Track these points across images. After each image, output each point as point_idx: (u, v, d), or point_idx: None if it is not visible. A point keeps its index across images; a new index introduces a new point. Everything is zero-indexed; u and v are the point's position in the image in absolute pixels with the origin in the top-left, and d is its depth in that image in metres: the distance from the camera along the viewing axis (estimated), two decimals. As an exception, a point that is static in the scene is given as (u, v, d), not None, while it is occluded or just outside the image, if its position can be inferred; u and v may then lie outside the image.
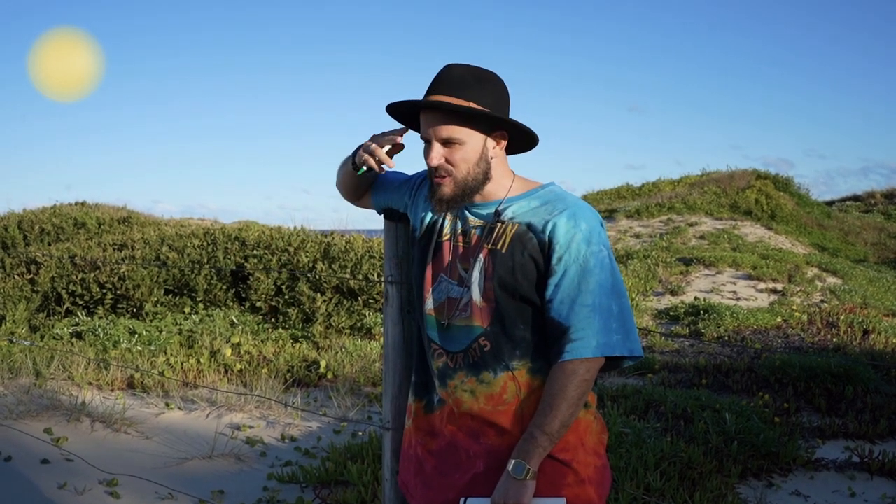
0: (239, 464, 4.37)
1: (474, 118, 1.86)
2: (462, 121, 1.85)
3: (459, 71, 1.87)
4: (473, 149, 1.87)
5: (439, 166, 1.87)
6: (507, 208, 1.90)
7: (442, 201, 1.90)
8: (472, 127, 1.86)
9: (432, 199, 1.92)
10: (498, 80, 1.91)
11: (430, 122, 1.86)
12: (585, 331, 1.79)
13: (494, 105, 1.87)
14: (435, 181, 1.89)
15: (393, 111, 1.97)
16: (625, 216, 20.63)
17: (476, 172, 1.88)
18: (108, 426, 4.77)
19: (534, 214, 1.88)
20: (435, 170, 1.88)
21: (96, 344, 6.95)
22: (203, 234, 9.75)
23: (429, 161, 1.88)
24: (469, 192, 1.89)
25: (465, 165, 1.87)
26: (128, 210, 15.76)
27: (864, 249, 21.33)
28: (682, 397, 5.49)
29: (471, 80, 1.86)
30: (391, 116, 2.00)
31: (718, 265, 13.53)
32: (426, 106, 1.86)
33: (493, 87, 1.88)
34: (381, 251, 8.82)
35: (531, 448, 1.78)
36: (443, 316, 1.92)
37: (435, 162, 1.87)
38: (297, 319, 8.21)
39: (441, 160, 1.87)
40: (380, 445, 4.13)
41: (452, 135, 1.85)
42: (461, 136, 1.85)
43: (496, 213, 1.90)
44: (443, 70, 1.89)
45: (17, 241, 12.70)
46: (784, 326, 9.36)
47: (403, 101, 1.91)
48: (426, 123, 1.87)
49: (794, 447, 4.52)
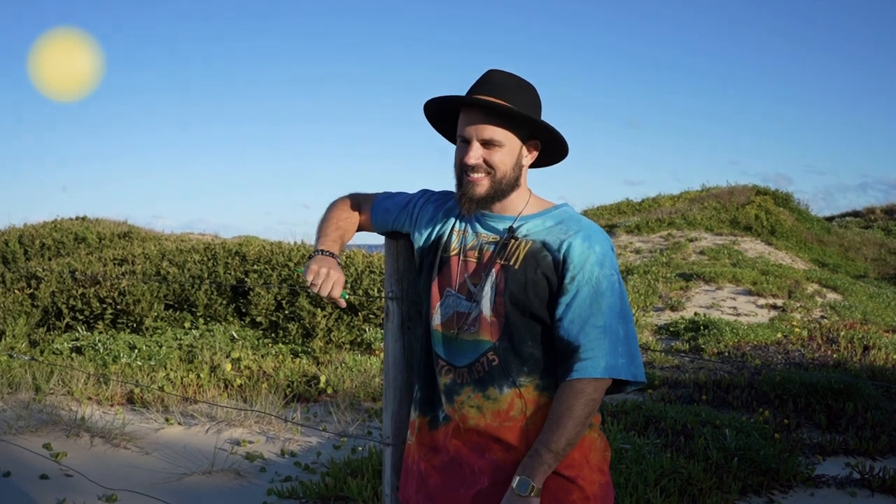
0: (238, 479, 4.37)
1: (516, 122, 1.87)
2: (505, 123, 1.86)
3: (503, 76, 1.89)
4: (511, 153, 1.88)
5: (476, 165, 1.87)
6: (521, 226, 1.91)
7: (473, 200, 1.89)
8: (513, 131, 1.87)
9: (462, 199, 1.91)
10: (535, 90, 1.93)
11: (473, 120, 1.86)
12: (595, 351, 1.79)
13: (534, 113, 1.89)
14: (469, 179, 1.88)
15: (432, 108, 1.96)
16: (625, 231, 20.65)
17: (511, 177, 1.89)
18: (108, 441, 4.76)
19: (549, 233, 1.89)
20: (472, 168, 1.88)
21: (96, 359, 6.95)
22: (203, 249, 9.77)
23: (466, 159, 1.87)
24: (500, 194, 1.90)
25: (503, 168, 1.87)
26: (128, 225, 15.79)
27: (864, 265, 21.33)
28: (682, 413, 5.48)
29: (514, 86, 1.87)
30: (426, 115, 1.99)
31: (718, 281, 13.54)
32: (475, 103, 1.86)
33: (533, 97, 1.91)
34: (382, 266, 8.83)
35: (536, 465, 1.79)
36: (450, 330, 1.93)
37: (473, 160, 1.87)
38: (297, 334, 8.22)
39: (479, 160, 1.87)
40: (380, 461, 4.13)
41: (494, 136, 1.86)
42: (502, 139, 1.86)
43: (510, 229, 1.91)
44: (487, 73, 1.90)
45: (17, 255, 12.72)
46: (784, 342, 9.36)
47: (448, 97, 1.91)
48: (468, 122, 1.87)
49: (794, 463, 4.51)
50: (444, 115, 1.98)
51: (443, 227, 2.01)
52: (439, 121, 2.01)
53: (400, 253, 2.19)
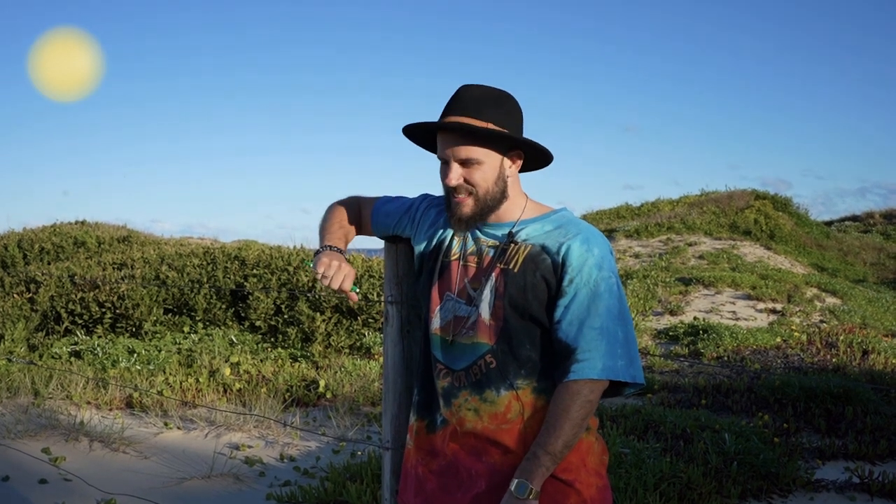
0: (238, 484, 4.36)
1: (492, 139, 1.88)
2: (480, 141, 1.87)
3: (475, 92, 1.89)
4: (491, 168, 1.89)
5: (458, 186, 1.89)
6: (520, 230, 1.92)
7: (462, 220, 1.92)
8: (490, 147, 1.88)
9: (452, 219, 1.93)
10: (513, 100, 1.93)
11: (449, 142, 1.88)
12: (592, 352, 1.80)
13: (511, 125, 1.89)
14: (455, 200, 1.91)
15: (410, 132, 1.98)
16: (624, 236, 20.66)
17: (494, 191, 1.90)
18: (107, 446, 4.76)
19: (548, 237, 1.90)
20: (454, 189, 1.90)
21: (95, 363, 6.95)
22: (203, 253, 9.78)
23: (447, 181, 1.89)
24: (488, 210, 1.91)
25: (485, 185, 1.89)
26: (128, 229, 15.79)
27: (863, 269, 21.35)
28: (682, 417, 5.48)
29: (487, 100, 1.88)
30: (407, 137, 2.01)
31: (718, 285, 13.54)
32: (445, 127, 1.87)
33: (509, 108, 1.90)
34: (381, 271, 8.84)
35: (534, 468, 1.79)
36: (448, 333, 1.93)
37: (454, 182, 1.88)
38: (296, 339, 8.21)
39: (460, 180, 1.88)
40: (379, 465, 4.13)
41: (471, 155, 1.87)
42: (479, 157, 1.87)
43: (510, 234, 1.92)
44: (459, 90, 1.90)
45: (16, 259, 12.72)
46: (783, 346, 9.35)
47: (421, 123, 1.93)
48: (444, 144, 1.89)
49: (793, 468, 4.51)
50: (424, 136, 2.00)
51: (444, 233, 2.02)
52: (423, 141, 2.02)
53: (399, 257, 2.19)
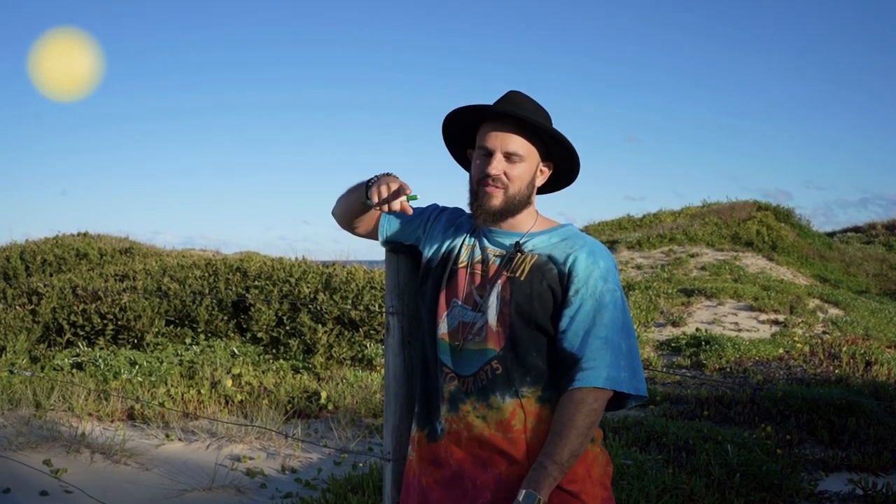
0: (239, 495, 4.35)
1: (541, 138, 1.92)
2: (530, 137, 1.91)
3: (523, 98, 1.94)
4: (529, 169, 1.93)
5: (497, 176, 1.90)
6: (528, 241, 1.95)
7: (489, 213, 1.93)
8: (535, 146, 1.93)
9: (477, 210, 1.94)
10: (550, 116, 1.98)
11: (500, 130, 1.90)
12: (596, 361, 1.82)
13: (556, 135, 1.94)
14: (486, 190, 1.92)
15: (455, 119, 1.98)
16: (626, 247, 20.65)
17: (524, 193, 1.93)
18: (108, 457, 4.75)
19: (554, 248, 1.93)
20: (492, 179, 1.91)
21: (97, 375, 6.95)
22: (205, 264, 9.79)
23: (489, 169, 1.90)
24: (511, 209, 1.93)
25: (519, 182, 1.92)
26: (129, 241, 15.82)
27: (865, 281, 21.31)
28: (684, 429, 5.46)
29: (534, 108, 1.93)
30: (447, 124, 2.02)
31: (720, 296, 13.53)
32: (507, 113, 1.90)
33: (549, 119, 1.96)
34: (383, 282, 8.83)
35: (541, 478, 1.79)
36: (456, 339, 1.94)
37: (495, 171, 1.90)
38: (297, 350, 8.21)
39: (501, 171, 1.90)
40: (380, 477, 4.11)
41: (518, 149, 1.90)
42: (524, 153, 1.91)
43: (517, 244, 1.94)
44: (508, 93, 1.95)
45: (18, 271, 12.74)
46: (786, 358, 9.33)
47: (479, 105, 1.94)
48: (494, 134, 1.91)
49: (796, 479, 4.50)
50: (460, 128, 2.00)
51: (454, 241, 2.04)
52: (454, 135, 2.03)
53: (401, 268, 2.20)
